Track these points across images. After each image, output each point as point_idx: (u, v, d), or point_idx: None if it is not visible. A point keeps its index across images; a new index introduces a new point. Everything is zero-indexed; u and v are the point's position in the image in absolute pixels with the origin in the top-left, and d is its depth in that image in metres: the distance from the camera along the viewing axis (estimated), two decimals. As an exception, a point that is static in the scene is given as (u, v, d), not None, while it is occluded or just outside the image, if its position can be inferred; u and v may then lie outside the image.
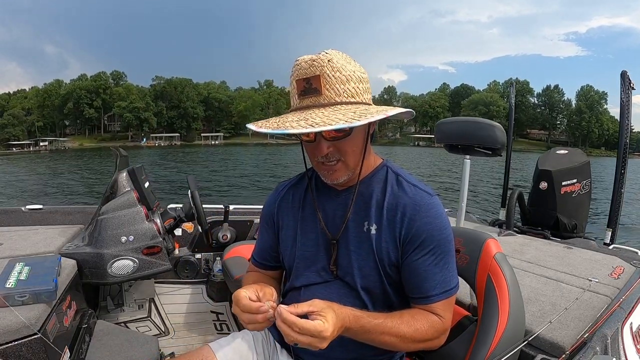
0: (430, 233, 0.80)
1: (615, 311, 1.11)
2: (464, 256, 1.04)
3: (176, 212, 1.87)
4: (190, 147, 61.57)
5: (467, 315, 1.09)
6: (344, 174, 0.81)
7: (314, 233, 0.90)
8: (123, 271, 1.51)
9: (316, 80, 0.72)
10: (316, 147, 0.78)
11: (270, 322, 0.73)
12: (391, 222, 0.82)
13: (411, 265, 0.82)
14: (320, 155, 0.78)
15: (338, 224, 0.87)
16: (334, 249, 0.86)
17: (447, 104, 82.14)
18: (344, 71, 0.73)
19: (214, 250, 2.23)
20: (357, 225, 0.85)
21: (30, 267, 1.17)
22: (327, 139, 0.76)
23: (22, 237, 1.59)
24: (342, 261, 0.86)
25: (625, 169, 2.68)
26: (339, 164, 0.79)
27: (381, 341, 0.78)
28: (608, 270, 1.52)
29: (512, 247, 1.89)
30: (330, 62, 0.72)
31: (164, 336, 2.08)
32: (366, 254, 0.84)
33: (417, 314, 0.81)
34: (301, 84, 0.74)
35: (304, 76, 0.73)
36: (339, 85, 0.73)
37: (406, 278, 0.83)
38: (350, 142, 0.78)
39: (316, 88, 0.73)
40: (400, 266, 0.84)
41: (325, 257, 0.88)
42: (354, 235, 0.85)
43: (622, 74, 2.64)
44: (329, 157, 0.78)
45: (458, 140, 1.79)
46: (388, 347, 0.80)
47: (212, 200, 8.89)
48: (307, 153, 0.84)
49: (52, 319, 1.08)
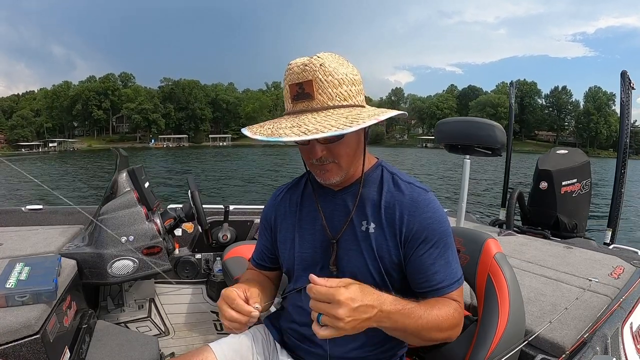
0: (432, 227, 0.81)
1: (615, 311, 1.11)
2: (464, 256, 1.04)
3: (176, 212, 1.86)
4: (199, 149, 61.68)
5: (467, 315, 1.08)
6: (337, 174, 0.82)
7: (312, 234, 0.90)
8: (123, 271, 1.51)
9: (308, 85, 0.73)
10: (310, 151, 0.80)
11: (248, 325, 0.77)
12: (390, 222, 0.83)
13: (418, 261, 0.82)
14: (314, 158, 0.80)
15: (336, 224, 0.88)
16: (334, 249, 0.86)
17: (455, 106, 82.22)
18: (336, 75, 0.74)
19: (214, 250, 2.23)
20: (355, 225, 0.86)
21: (30, 267, 1.17)
22: (320, 143, 0.78)
23: (22, 237, 1.59)
24: (342, 261, 0.86)
25: (625, 169, 2.68)
26: (332, 165, 0.81)
27: (417, 326, 0.74)
28: (608, 270, 1.52)
29: (512, 247, 1.89)
30: (323, 67, 0.73)
31: (164, 336, 2.08)
32: (366, 253, 0.84)
33: (440, 301, 0.81)
34: (294, 89, 0.74)
35: (296, 81, 0.74)
36: (331, 89, 0.73)
37: (414, 274, 0.83)
38: (343, 145, 0.79)
39: (309, 93, 0.73)
40: (404, 264, 0.84)
41: (324, 258, 0.88)
42: (352, 235, 0.86)
43: (622, 73, 2.64)
44: (323, 160, 0.80)
45: (458, 140, 1.79)
46: (421, 336, 0.77)
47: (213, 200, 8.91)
48: (302, 155, 0.85)
49: (52, 319, 1.08)
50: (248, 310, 0.75)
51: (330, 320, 0.65)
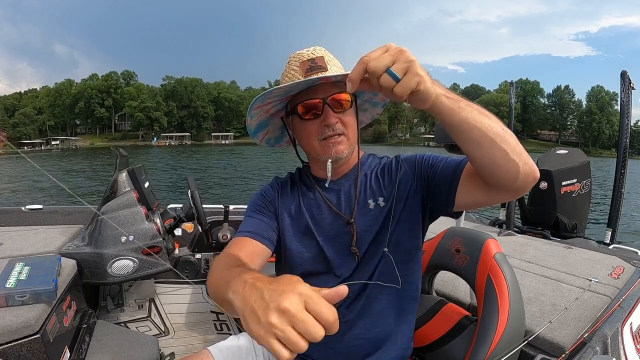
0: (419, 156, 0.89)
1: (615, 311, 1.11)
2: (464, 256, 1.04)
3: (176, 212, 1.86)
4: (201, 147, 61.56)
5: (467, 315, 1.09)
6: (346, 147, 0.86)
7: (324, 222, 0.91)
8: (123, 271, 1.51)
9: (320, 59, 0.83)
10: (324, 118, 0.83)
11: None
12: (390, 179, 0.89)
13: (436, 172, 0.83)
14: (327, 125, 0.83)
15: (342, 209, 0.90)
16: (353, 229, 0.87)
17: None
18: (336, 60, 0.88)
19: (214, 250, 2.23)
20: (363, 206, 0.88)
21: (30, 267, 1.17)
22: (334, 111, 0.83)
23: (22, 237, 1.59)
24: (361, 242, 0.87)
25: (625, 169, 2.69)
26: (342, 137, 0.85)
27: (477, 117, 0.64)
28: (608, 270, 1.52)
29: (512, 247, 1.89)
30: (327, 51, 0.87)
31: (164, 336, 2.08)
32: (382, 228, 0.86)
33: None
34: (306, 64, 0.83)
35: (308, 57, 0.84)
36: (337, 67, 0.86)
37: (442, 177, 0.82)
38: (351, 116, 0.87)
39: (321, 65, 0.83)
40: (431, 185, 0.84)
41: (339, 242, 0.89)
42: (364, 216, 0.88)
43: (622, 73, 2.65)
44: (335, 129, 0.84)
45: None
46: (491, 133, 0.65)
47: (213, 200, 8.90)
48: (307, 134, 0.87)
49: (52, 319, 1.08)
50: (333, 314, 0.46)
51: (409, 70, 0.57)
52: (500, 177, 0.67)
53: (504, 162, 0.65)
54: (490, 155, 0.65)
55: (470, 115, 0.64)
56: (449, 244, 1.11)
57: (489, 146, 0.65)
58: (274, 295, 0.45)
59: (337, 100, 0.83)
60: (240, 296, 0.51)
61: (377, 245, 0.86)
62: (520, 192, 0.70)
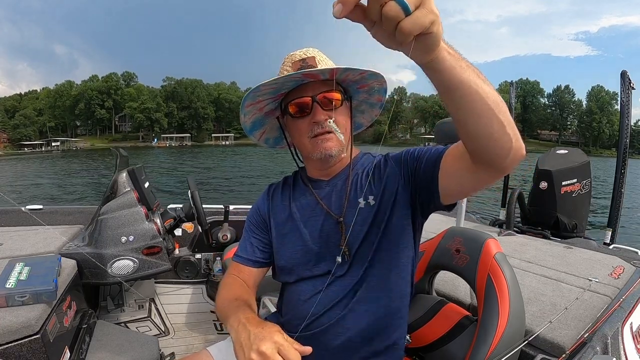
0: (406, 151, 0.88)
1: (615, 311, 1.11)
2: (464, 256, 1.04)
3: (176, 212, 1.86)
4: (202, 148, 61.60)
5: (467, 315, 1.09)
6: (336, 144, 0.86)
7: (314, 222, 0.91)
8: (123, 271, 1.51)
9: (312, 59, 0.86)
10: (312, 116, 0.85)
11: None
12: (380, 177, 0.88)
13: (421, 164, 0.82)
14: (316, 123, 0.84)
15: (333, 208, 0.90)
16: (342, 228, 0.87)
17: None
18: (329, 61, 0.89)
19: (214, 250, 2.23)
20: (353, 205, 0.88)
21: (30, 267, 1.17)
22: (323, 108, 0.84)
23: (22, 237, 1.59)
24: (352, 240, 0.86)
25: (625, 169, 2.69)
26: (331, 135, 0.85)
27: (477, 81, 0.56)
28: (608, 270, 1.52)
29: (512, 247, 1.89)
30: (320, 52, 0.89)
31: (164, 336, 2.08)
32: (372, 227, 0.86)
33: None
34: (297, 64, 0.86)
35: (299, 58, 0.87)
36: (328, 65, 0.87)
37: (426, 166, 0.80)
38: (342, 115, 0.87)
39: (312, 65, 0.85)
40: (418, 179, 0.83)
41: (331, 242, 0.88)
42: (354, 214, 0.86)
43: (622, 73, 2.65)
44: (324, 126, 0.84)
45: (457, 141, 1.78)
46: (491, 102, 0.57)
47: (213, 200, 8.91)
48: (298, 132, 0.88)
49: (52, 319, 1.08)
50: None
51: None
52: (494, 152, 0.62)
53: (500, 136, 0.59)
54: (489, 127, 0.59)
55: (472, 77, 0.55)
56: (449, 244, 1.11)
57: (489, 116, 0.58)
58: (257, 340, 0.64)
59: (326, 98, 0.83)
60: (235, 331, 0.71)
61: (368, 243, 0.86)
62: (507, 170, 0.66)
